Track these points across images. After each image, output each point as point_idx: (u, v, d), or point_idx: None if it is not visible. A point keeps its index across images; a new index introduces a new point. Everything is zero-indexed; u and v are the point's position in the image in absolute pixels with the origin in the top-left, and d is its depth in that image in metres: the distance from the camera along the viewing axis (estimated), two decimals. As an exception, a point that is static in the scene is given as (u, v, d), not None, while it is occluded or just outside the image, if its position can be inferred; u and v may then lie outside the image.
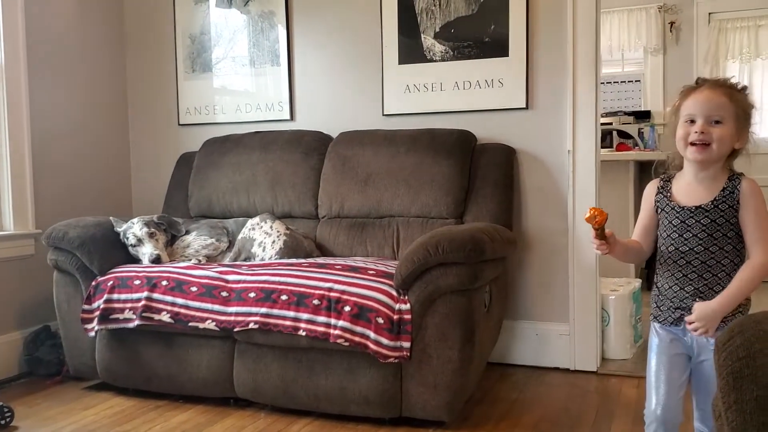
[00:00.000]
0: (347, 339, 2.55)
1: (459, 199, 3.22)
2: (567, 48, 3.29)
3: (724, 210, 1.78)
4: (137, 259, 3.13)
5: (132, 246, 3.13)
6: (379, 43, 3.62)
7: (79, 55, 3.87)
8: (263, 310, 2.68)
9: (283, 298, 2.67)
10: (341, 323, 2.56)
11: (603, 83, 5.26)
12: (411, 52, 3.56)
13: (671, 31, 6.17)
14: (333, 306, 2.59)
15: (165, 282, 2.87)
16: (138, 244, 3.12)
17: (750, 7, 5.94)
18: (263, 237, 3.18)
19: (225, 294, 2.78)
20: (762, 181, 1.99)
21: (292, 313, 2.63)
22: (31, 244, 3.53)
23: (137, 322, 2.85)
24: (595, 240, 1.83)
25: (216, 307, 2.77)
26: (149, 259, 3.07)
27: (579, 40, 3.27)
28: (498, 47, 3.40)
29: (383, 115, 3.65)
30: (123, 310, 2.90)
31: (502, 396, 3.01)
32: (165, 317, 2.82)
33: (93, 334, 2.97)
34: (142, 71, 4.19)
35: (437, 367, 2.55)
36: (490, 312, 2.90)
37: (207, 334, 2.82)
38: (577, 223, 3.29)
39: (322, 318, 2.60)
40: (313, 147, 3.55)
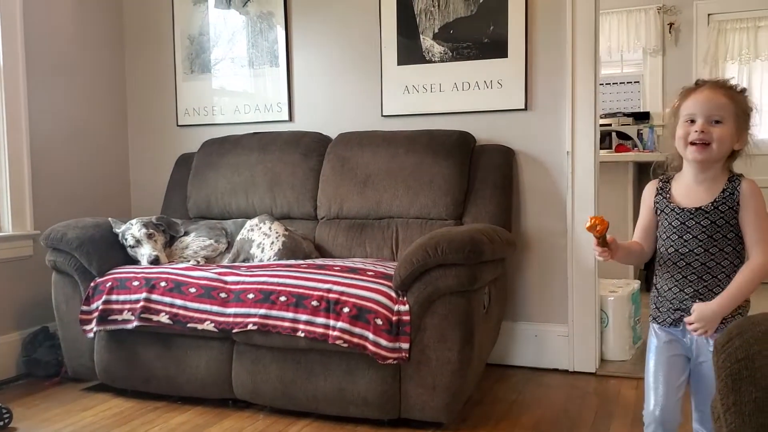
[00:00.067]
0: (346, 340, 2.55)
1: (458, 201, 3.21)
2: (566, 49, 3.29)
3: (724, 211, 1.78)
4: (136, 260, 3.13)
5: (131, 247, 3.13)
6: (378, 44, 3.62)
7: (78, 56, 3.87)
8: (262, 311, 2.67)
9: (282, 299, 2.66)
10: (340, 324, 2.56)
11: (602, 84, 5.26)
12: (410, 53, 3.56)
13: (670, 32, 6.17)
14: (332, 307, 2.59)
15: (164, 283, 2.87)
16: (137, 245, 3.12)
17: (749, 8, 5.94)
18: (262, 238, 3.18)
19: (224, 295, 2.78)
20: (762, 182, 1.99)
21: (290, 315, 2.63)
22: (30, 245, 3.52)
23: (136, 323, 2.85)
24: (597, 247, 1.84)
25: (215, 309, 2.76)
26: (148, 260, 3.07)
27: (578, 40, 3.27)
28: (497, 48, 3.40)
29: (382, 116, 3.64)
30: (122, 311, 2.90)
31: (501, 397, 3.01)
32: (164, 318, 2.82)
33: (91, 335, 2.97)
34: (140, 72, 4.18)
35: (436, 369, 2.55)
36: (489, 313, 2.89)
37: (206, 335, 2.82)
38: (576, 225, 3.29)
39: (320, 319, 2.59)
40: (312, 148, 3.55)
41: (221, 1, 3.95)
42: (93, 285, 3.00)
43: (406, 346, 2.52)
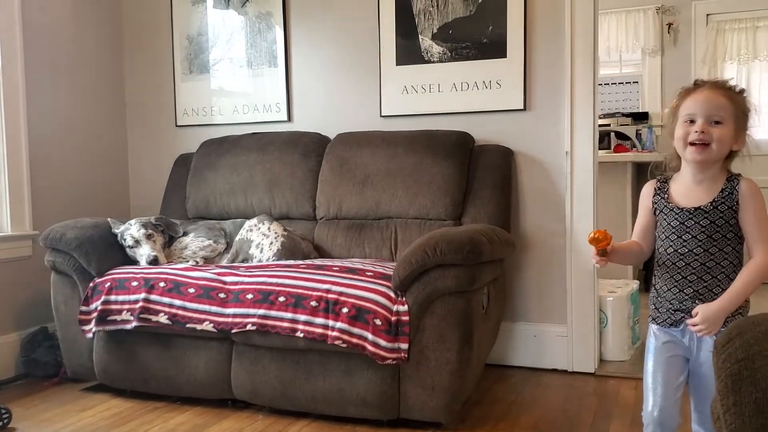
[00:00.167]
0: (345, 340, 2.55)
1: (457, 201, 3.21)
2: (565, 49, 3.29)
3: (723, 211, 1.78)
4: (135, 261, 3.12)
5: (129, 247, 3.13)
6: (377, 45, 3.62)
7: (77, 57, 3.87)
8: (261, 311, 2.67)
9: (281, 299, 2.66)
10: (339, 325, 2.56)
11: (601, 84, 5.26)
12: (409, 53, 3.56)
13: (669, 33, 6.17)
14: (331, 307, 2.59)
15: (163, 283, 2.87)
16: (135, 245, 3.12)
17: (748, 9, 5.94)
18: (261, 238, 3.18)
19: (223, 295, 2.78)
20: (762, 183, 1.99)
21: (289, 315, 2.63)
22: (29, 245, 3.52)
23: (135, 323, 2.84)
24: (596, 256, 1.86)
25: (214, 309, 2.76)
26: (147, 261, 3.07)
27: (577, 41, 3.27)
28: (496, 48, 3.40)
29: (381, 117, 3.64)
30: (120, 311, 2.90)
31: (500, 397, 3.01)
32: (163, 319, 2.82)
33: (90, 335, 2.97)
34: (139, 72, 4.18)
35: (435, 369, 2.54)
36: (488, 313, 2.89)
37: (205, 335, 2.81)
38: (575, 225, 3.29)
39: (319, 319, 2.59)
40: (311, 148, 3.55)
41: (220, 2, 3.95)
42: (92, 285, 2.99)
43: (405, 346, 2.52)
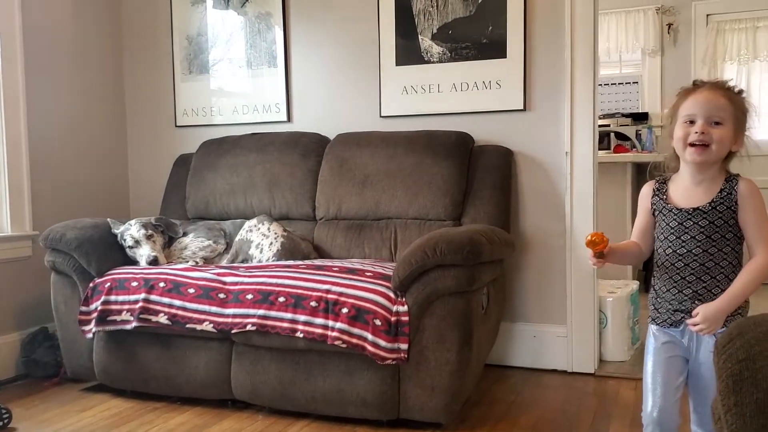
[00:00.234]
0: (345, 341, 2.55)
1: (457, 201, 3.21)
2: (565, 49, 3.29)
3: (722, 211, 1.78)
4: (135, 261, 3.12)
5: (129, 248, 3.13)
6: (377, 45, 3.62)
7: (77, 57, 3.87)
8: (261, 311, 2.67)
9: (281, 299, 2.66)
10: (339, 325, 2.56)
11: (600, 85, 5.26)
12: (408, 53, 3.56)
13: (669, 33, 6.17)
14: (330, 308, 2.59)
15: (162, 284, 2.87)
16: (135, 245, 3.11)
17: (748, 9, 5.94)
18: (261, 239, 3.18)
19: (222, 296, 2.78)
20: (762, 183, 1.99)
21: (289, 315, 2.63)
22: (29, 245, 3.52)
23: (135, 323, 2.84)
24: (593, 258, 1.87)
25: (213, 309, 2.76)
26: (146, 261, 3.07)
27: (577, 41, 3.27)
28: (496, 48, 3.40)
29: (381, 117, 3.64)
30: (120, 311, 2.90)
31: (499, 398, 3.01)
32: (162, 319, 2.81)
33: (90, 335, 2.97)
34: (139, 73, 4.18)
35: (435, 369, 2.54)
36: (487, 314, 2.89)
37: (204, 335, 2.81)
38: (575, 225, 3.29)
39: (319, 320, 2.59)
40: (311, 148, 3.54)
41: (219, 2, 3.95)
42: (92, 285, 2.99)
43: (404, 346, 2.52)
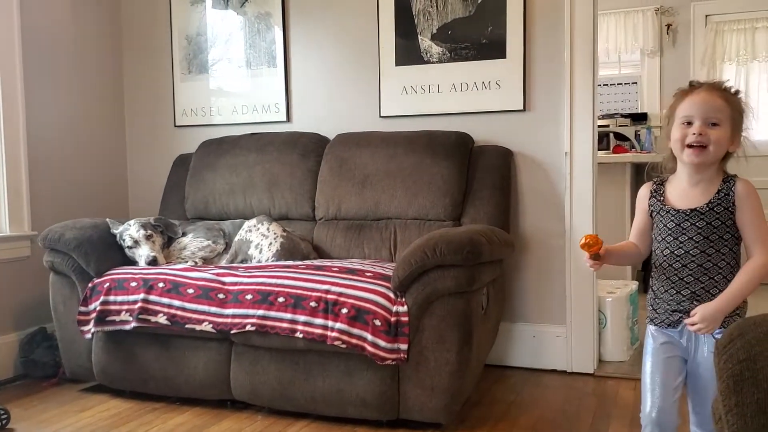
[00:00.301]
0: (344, 341, 2.54)
1: (456, 201, 3.21)
2: (564, 50, 3.29)
3: (719, 212, 1.79)
4: (134, 261, 3.12)
5: (128, 248, 3.12)
6: (376, 45, 3.62)
7: (76, 57, 3.86)
8: (260, 312, 2.67)
9: (280, 300, 2.66)
10: (338, 325, 2.55)
11: (600, 85, 5.25)
12: (408, 53, 3.56)
13: (668, 33, 6.18)
14: (330, 308, 2.59)
15: (161, 284, 2.86)
16: (134, 246, 3.11)
17: (746, 10, 5.95)
18: (260, 239, 3.18)
19: (222, 296, 2.78)
20: (760, 184, 1.99)
21: (289, 315, 2.63)
22: (27, 245, 3.51)
23: (134, 324, 2.84)
24: (589, 260, 1.88)
25: (213, 309, 2.76)
26: (146, 261, 3.06)
27: (576, 41, 3.27)
28: (495, 49, 3.40)
29: (380, 117, 3.64)
30: (119, 312, 2.89)
31: (499, 398, 3.01)
32: (161, 319, 2.81)
33: (89, 336, 2.96)
34: (138, 72, 4.18)
35: (434, 370, 2.54)
36: (487, 314, 2.89)
37: (204, 336, 2.81)
38: (575, 226, 3.29)
39: (319, 320, 2.59)
40: (310, 149, 3.54)
41: (219, 2, 3.95)
42: (91, 286, 2.99)
43: (404, 347, 2.52)
